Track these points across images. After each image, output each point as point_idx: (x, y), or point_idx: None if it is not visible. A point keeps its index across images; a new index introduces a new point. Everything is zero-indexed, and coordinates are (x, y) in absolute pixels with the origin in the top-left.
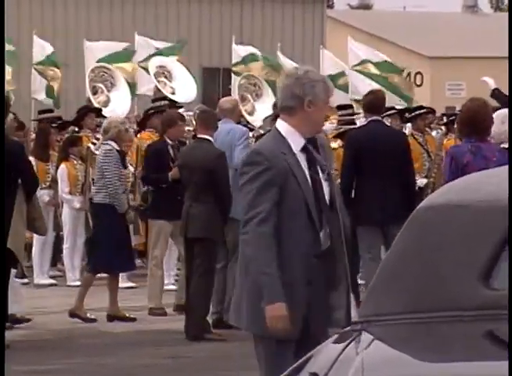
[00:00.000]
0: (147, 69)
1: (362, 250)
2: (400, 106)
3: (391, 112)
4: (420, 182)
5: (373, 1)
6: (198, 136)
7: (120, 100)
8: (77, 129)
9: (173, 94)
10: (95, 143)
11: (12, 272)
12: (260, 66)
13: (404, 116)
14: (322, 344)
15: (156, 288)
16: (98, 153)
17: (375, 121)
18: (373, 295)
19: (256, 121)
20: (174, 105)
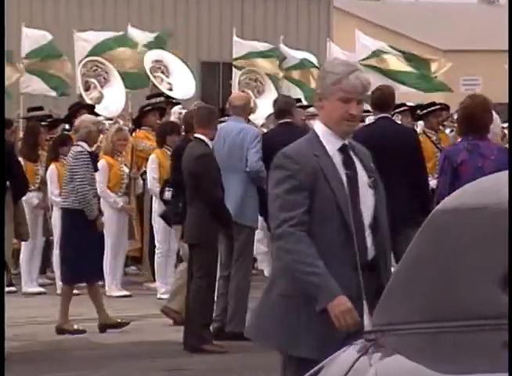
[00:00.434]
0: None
1: None
2: (412, 103)
3: (401, 109)
4: (432, 184)
5: None
6: (194, 136)
7: (114, 97)
8: (68, 127)
9: (170, 90)
10: None
11: None
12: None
13: (416, 113)
14: (334, 354)
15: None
16: (68, 155)
17: (384, 119)
18: (387, 303)
19: (258, 120)
20: (171, 102)
